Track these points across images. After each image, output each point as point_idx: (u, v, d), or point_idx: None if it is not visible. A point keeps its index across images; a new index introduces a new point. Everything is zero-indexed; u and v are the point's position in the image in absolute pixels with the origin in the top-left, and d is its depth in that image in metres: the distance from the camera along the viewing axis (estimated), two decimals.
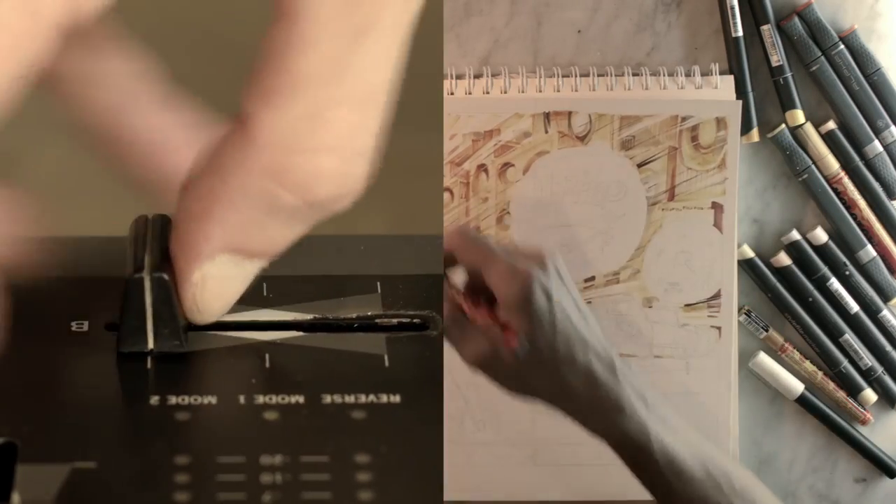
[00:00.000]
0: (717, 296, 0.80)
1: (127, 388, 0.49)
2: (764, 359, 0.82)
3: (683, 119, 0.78)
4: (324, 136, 0.47)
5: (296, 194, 0.48)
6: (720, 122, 0.78)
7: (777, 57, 0.79)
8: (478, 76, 0.79)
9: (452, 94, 0.78)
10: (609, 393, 0.67)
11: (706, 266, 0.80)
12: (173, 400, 0.49)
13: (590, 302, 0.79)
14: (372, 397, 0.50)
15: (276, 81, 0.47)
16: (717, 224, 0.79)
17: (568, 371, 0.67)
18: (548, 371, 0.67)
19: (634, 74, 0.79)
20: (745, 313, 0.81)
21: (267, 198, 0.48)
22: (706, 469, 0.69)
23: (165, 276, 0.50)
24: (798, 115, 0.79)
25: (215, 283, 0.50)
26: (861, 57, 0.79)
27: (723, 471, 0.70)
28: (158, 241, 0.51)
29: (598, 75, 0.79)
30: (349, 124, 0.47)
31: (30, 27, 0.44)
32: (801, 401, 0.82)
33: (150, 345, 0.51)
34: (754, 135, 0.79)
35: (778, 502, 0.73)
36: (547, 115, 0.78)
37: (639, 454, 0.68)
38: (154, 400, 0.49)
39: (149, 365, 0.51)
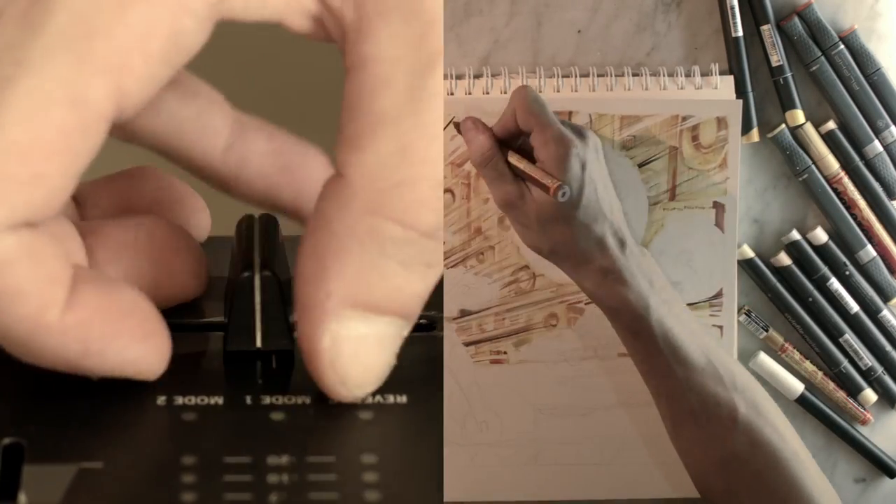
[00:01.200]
0: (718, 295, 0.80)
1: (134, 387, 0.49)
2: (764, 359, 0.82)
3: (684, 119, 0.78)
4: (413, 166, 0.47)
5: (400, 223, 0.47)
6: (721, 122, 0.78)
7: (777, 57, 0.79)
8: (478, 76, 0.79)
9: (452, 94, 0.78)
10: (614, 263, 0.72)
11: (708, 265, 0.79)
12: (180, 400, 0.49)
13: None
14: (378, 398, 0.50)
15: (359, 126, 0.46)
16: (719, 223, 0.79)
17: (582, 234, 0.72)
18: (564, 229, 0.72)
19: (634, 74, 0.79)
20: (745, 313, 0.81)
21: (375, 234, 0.47)
22: (707, 358, 0.72)
23: (275, 274, 0.50)
24: (798, 115, 0.79)
25: (349, 345, 0.48)
26: (861, 57, 0.79)
27: (725, 365, 0.73)
28: (266, 240, 0.51)
29: (598, 75, 0.79)
30: (428, 152, 0.47)
31: (78, 122, 0.44)
32: (801, 401, 0.82)
33: (259, 343, 0.51)
34: (754, 135, 0.79)
35: (778, 410, 0.75)
36: None
37: (636, 324, 0.72)
38: (161, 400, 0.49)
39: None
